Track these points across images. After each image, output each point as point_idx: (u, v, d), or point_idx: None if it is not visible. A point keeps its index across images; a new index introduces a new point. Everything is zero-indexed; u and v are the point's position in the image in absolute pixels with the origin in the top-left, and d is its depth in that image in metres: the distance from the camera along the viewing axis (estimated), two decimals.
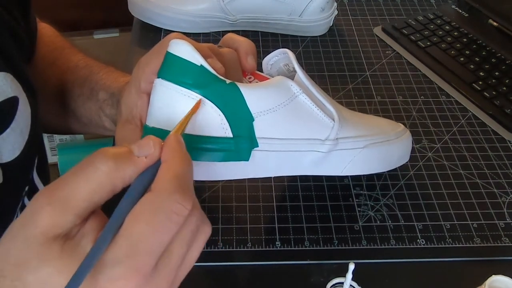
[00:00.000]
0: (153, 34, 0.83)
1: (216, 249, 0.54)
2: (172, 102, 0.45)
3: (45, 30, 0.68)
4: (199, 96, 0.44)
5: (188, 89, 0.44)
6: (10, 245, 0.32)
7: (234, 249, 0.55)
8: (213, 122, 0.45)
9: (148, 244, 0.32)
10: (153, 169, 0.35)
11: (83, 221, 0.33)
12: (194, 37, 0.81)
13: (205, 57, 0.44)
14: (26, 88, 0.51)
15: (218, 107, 0.45)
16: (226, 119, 0.45)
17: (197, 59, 0.44)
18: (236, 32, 0.83)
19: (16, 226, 0.32)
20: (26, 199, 0.53)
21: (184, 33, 0.51)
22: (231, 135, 0.46)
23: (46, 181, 0.58)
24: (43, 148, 0.59)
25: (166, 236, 0.33)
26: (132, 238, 0.32)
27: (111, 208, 0.34)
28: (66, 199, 0.32)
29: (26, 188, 0.53)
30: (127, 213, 0.33)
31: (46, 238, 0.31)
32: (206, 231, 0.36)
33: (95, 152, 0.34)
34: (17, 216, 0.52)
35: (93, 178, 0.33)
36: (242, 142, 0.47)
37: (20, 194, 0.52)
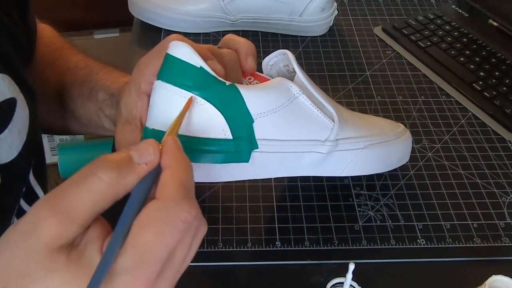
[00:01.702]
0: (153, 34, 0.83)
1: (216, 249, 0.54)
2: (171, 104, 0.45)
3: (45, 30, 0.68)
4: (193, 95, 0.44)
5: (188, 91, 0.44)
6: (11, 256, 0.32)
7: (234, 249, 0.55)
8: (213, 124, 0.45)
9: (155, 253, 0.33)
10: (153, 174, 0.35)
11: (85, 229, 0.33)
12: (194, 37, 0.81)
13: (204, 58, 0.44)
14: (24, 90, 0.51)
15: (217, 109, 0.45)
16: (226, 120, 0.45)
17: (196, 60, 0.44)
18: (236, 32, 0.83)
19: (16, 236, 0.32)
20: (22, 201, 0.53)
21: (184, 33, 0.51)
22: (231, 136, 0.46)
23: (42, 182, 0.58)
24: (41, 149, 0.59)
25: (172, 244, 0.33)
26: (140, 248, 0.32)
27: (110, 212, 0.34)
28: (69, 210, 0.32)
29: (23, 189, 0.53)
30: (132, 221, 0.33)
31: (51, 249, 0.31)
32: (203, 230, 0.37)
33: (96, 161, 0.34)
34: (13, 221, 0.52)
35: (95, 189, 0.33)
36: (242, 143, 0.47)
37: (17, 195, 0.52)
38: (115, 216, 0.34)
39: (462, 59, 0.79)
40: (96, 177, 0.33)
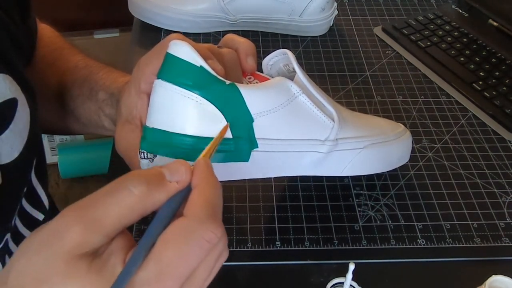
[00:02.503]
0: (153, 34, 0.83)
1: None
2: (171, 103, 0.45)
3: (45, 31, 0.68)
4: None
5: (188, 90, 0.44)
6: (32, 260, 0.32)
7: (234, 249, 0.55)
8: (213, 123, 0.45)
9: (177, 270, 0.33)
10: (183, 193, 0.35)
11: (110, 240, 0.33)
12: (194, 37, 0.81)
13: (205, 58, 0.44)
14: (25, 90, 0.51)
15: (217, 108, 0.45)
16: (226, 120, 0.45)
17: (196, 60, 0.44)
18: (236, 32, 0.83)
19: (38, 242, 0.32)
20: (23, 201, 0.53)
21: (184, 33, 0.51)
22: (230, 136, 0.46)
23: (44, 182, 0.58)
24: (42, 149, 0.59)
25: (194, 262, 0.33)
26: (162, 263, 0.32)
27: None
28: (97, 220, 0.32)
29: (25, 189, 0.53)
30: (157, 236, 0.33)
31: (73, 256, 0.31)
32: (225, 256, 0.37)
33: (128, 174, 0.34)
34: (15, 221, 0.52)
35: (125, 202, 0.33)
36: (242, 143, 0.47)
37: (18, 195, 0.52)
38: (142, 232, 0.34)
39: (462, 59, 0.79)
40: (126, 190, 0.33)
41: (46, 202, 0.58)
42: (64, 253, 0.31)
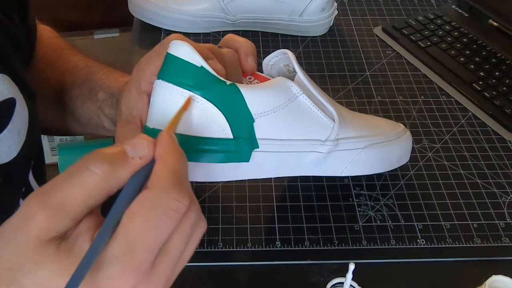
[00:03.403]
0: (153, 34, 0.83)
1: (216, 249, 0.54)
2: (172, 103, 0.45)
3: (45, 31, 0.68)
4: (193, 94, 0.44)
5: (189, 90, 0.44)
6: (3, 250, 0.32)
7: (234, 249, 0.55)
8: (214, 123, 0.45)
9: (145, 242, 0.32)
10: (147, 168, 0.35)
11: (77, 222, 0.33)
12: (194, 37, 0.81)
13: (205, 58, 0.45)
14: (23, 90, 0.51)
15: (218, 108, 0.45)
16: (227, 120, 0.45)
17: (197, 60, 0.44)
18: (236, 32, 0.83)
19: (8, 230, 0.32)
20: (21, 201, 0.53)
21: (184, 33, 0.51)
22: (231, 136, 0.46)
23: (42, 182, 0.58)
24: (40, 149, 0.59)
25: (163, 233, 0.33)
26: (130, 236, 0.32)
27: (106, 208, 0.34)
28: (61, 204, 0.32)
29: (23, 189, 0.53)
30: (123, 212, 0.33)
31: (41, 241, 0.31)
32: (202, 226, 0.36)
33: (89, 154, 0.33)
34: None
35: (88, 183, 0.32)
36: (243, 143, 0.47)
37: (16, 195, 0.52)
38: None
39: (462, 59, 0.79)
40: (88, 170, 0.33)
41: None
42: (31, 240, 0.31)
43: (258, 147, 0.48)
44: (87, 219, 0.33)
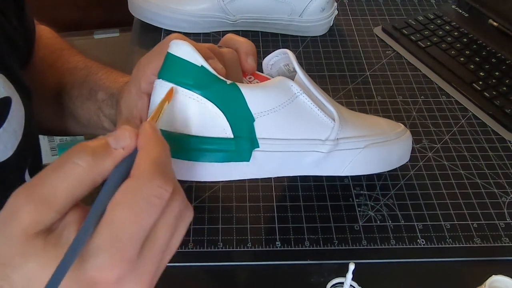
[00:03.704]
0: (153, 34, 0.83)
1: (216, 249, 0.54)
2: (172, 103, 0.45)
3: (44, 32, 0.67)
4: (173, 86, 0.44)
5: (189, 89, 0.44)
6: None
7: (234, 249, 0.55)
8: (214, 122, 0.45)
9: (130, 230, 0.32)
10: (129, 158, 0.35)
11: (63, 215, 0.33)
12: (194, 37, 0.81)
13: (205, 57, 0.45)
14: (20, 89, 0.51)
15: (218, 108, 0.45)
16: (227, 119, 0.45)
17: (197, 59, 0.44)
18: (236, 32, 0.83)
19: None
20: None
21: (184, 33, 0.51)
22: (231, 135, 0.46)
23: None
24: (38, 148, 0.59)
25: (148, 220, 0.33)
26: (114, 225, 0.32)
27: (91, 199, 0.34)
28: (47, 197, 0.32)
29: None
30: (108, 202, 0.33)
31: (28, 235, 0.31)
32: (188, 215, 0.36)
33: (74, 147, 0.34)
34: None
35: (72, 175, 0.33)
36: (243, 142, 0.47)
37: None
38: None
39: (462, 59, 0.79)
40: (72, 163, 0.33)
41: None
42: (18, 234, 0.31)
43: (258, 147, 0.48)
44: (73, 211, 0.33)
